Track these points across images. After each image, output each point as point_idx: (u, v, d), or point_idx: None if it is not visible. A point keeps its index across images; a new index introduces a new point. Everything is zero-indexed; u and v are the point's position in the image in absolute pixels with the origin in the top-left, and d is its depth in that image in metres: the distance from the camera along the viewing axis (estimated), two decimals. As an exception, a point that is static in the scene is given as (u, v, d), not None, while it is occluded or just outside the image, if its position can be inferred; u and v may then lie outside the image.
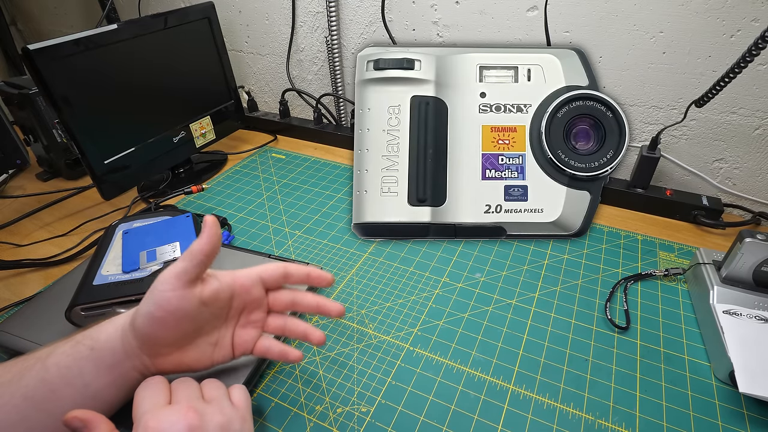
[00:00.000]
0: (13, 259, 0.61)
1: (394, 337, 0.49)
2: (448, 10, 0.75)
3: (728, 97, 0.62)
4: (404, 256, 0.60)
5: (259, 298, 0.39)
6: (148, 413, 0.30)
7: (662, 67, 0.64)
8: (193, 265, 0.34)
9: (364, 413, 0.41)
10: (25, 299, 0.55)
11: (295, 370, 0.46)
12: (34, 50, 0.56)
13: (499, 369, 0.45)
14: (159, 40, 0.71)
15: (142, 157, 0.71)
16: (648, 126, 0.70)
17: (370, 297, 0.54)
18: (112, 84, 0.66)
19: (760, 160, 0.65)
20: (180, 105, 0.78)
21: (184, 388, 0.33)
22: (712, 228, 0.64)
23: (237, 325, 0.39)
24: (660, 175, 0.71)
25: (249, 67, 1.03)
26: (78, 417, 0.29)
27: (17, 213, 0.73)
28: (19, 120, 0.79)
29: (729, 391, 0.42)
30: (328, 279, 0.40)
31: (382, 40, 0.82)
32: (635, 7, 0.62)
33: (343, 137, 0.88)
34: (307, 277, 0.40)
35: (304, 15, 0.88)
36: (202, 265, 0.34)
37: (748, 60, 0.48)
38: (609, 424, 0.40)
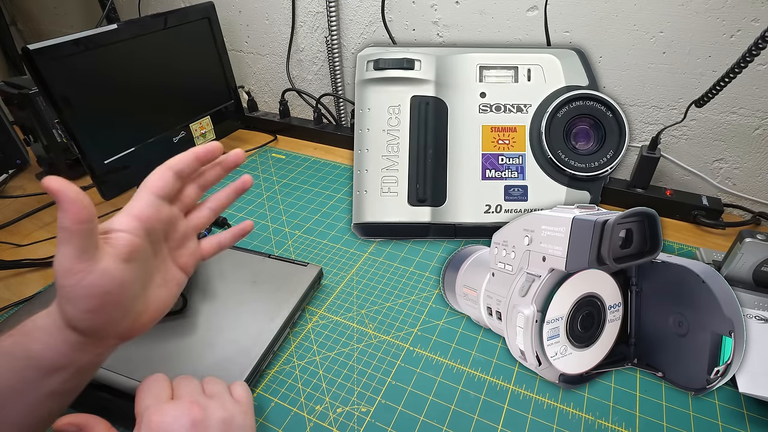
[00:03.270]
0: (13, 259, 0.61)
1: (394, 337, 0.49)
2: (448, 10, 0.75)
3: (728, 97, 0.62)
4: (404, 256, 0.60)
5: (169, 214, 0.35)
6: (151, 408, 0.30)
7: (662, 67, 0.64)
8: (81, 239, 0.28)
9: (364, 413, 0.41)
10: (25, 299, 0.55)
11: (295, 370, 0.46)
12: (34, 50, 0.56)
13: (499, 369, 0.45)
14: (159, 40, 0.71)
15: (142, 157, 0.71)
16: (648, 126, 0.70)
17: (370, 297, 0.54)
18: (112, 84, 0.66)
19: (760, 160, 0.65)
20: (180, 105, 0.78)
21: (185, 384, 0.33)
22: (712, 228, 0.64)
23: (171, 251, 0.36)
24: (660, 175, 0.71)
25: (249, 67, 1.03)
26: (71, 422, 0.29)
27: (17, 213, 0.73)
28: (19, 120, 0.79)
29: (729, 391, 0.42)
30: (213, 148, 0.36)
31: (382, 40, 0.82)
32: (635, 7, 0.62)
33: (343, 137, 0.88)
34: (195, 158, 0.36)
35: (304, 15, 0.88)
36: (89, 233, 0.29)
37: (748, 60, 0.48)
38: (609, 424, 0.40)
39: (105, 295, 0.29)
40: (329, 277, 0.57)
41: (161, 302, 0.34)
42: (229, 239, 0.39)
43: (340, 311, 0.52)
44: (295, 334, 0.50)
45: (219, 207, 0.39)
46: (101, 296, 0.29)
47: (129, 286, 0.31)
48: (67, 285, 0.28)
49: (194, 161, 0.36)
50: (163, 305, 0.34)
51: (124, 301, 0.31)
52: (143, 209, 0.33)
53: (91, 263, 0.29)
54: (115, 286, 0.29)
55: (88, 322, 0.29)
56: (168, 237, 0.36)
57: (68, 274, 0.28)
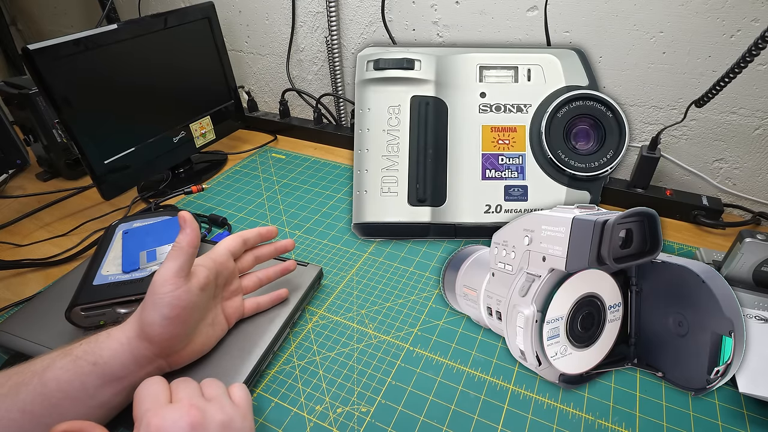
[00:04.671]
0: (13, 259, 0.61)
1: (394, 337, 0.49)
2: (448, 10, 0.75)
3: (728, 97, 0.62)
4: (404, 256, 0.60)
5: (233, 269, 0.45)
6: (150, 411, 0.30)
7: (662, 67, 0.64)
8: (185, 260, 0.37)
9: (364, 413, 0.41)
10: (25, 299, 0.55)
11: (295, 370, 0.46)
12: (34, 50, 0.56)
13: (499, 369, 0.45)
14: (159, 40, 0.71)
15: (142, 157, 0.71)
16: (648, 126, 0.70)
17: (370, 297, 0.54)
18: (112, 84, 0.66)
19: (760, 160, 0.65)
20: (180, 105, 0.78)
21: (184, 387, 0.33)
22: (712, 228, 0.64)
23: (223, 299, 0.44)
24: (660, 175, 0.71)
25: (249, 67, 1.03)
26: (66, 429, 0.29)
27: (17, 213, 0.73)
28: (19, 120, 0.79)
29: (729, 391, 0.42)
30: (272, 231, 0.48)
31: (382, 40, 0.82)
32: (635, 7, 0.62)
33: (343, 137, 0.88)
34: (258, 234, 0.47)
35: (304, 15, 0.88)
36: (192, 258, 0.38)
37: (748, 60, 0.48)
38: (609, 424, 0.40)
39: (183, 308, 0.36)
40: (329, 277, 0.57)
41: (206, 339, 0.41)
42: (267, 302, 0.48)
43: (340, 311, 0.52)
44: (295, 334, 0.50)
45: (265, 279, 0.48)
46: (180, 308, 0.36)
47: (197, 310, 0.38)
48: (161, 292, 0.35)
49: (257, 236, 0.47)
50: (207, 343, 0.41)
51: (190, 322, 0.38)
52: (219, 256, 0.43)
53: (183, 280, 0.37)
54: (191, 304, 0.37)
55: (162, 328, 0.35)
56: (225, 287, 0.44)
57: (166, 283, 0.36)
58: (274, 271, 0.49)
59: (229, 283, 0.45)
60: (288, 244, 0.49)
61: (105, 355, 0.35)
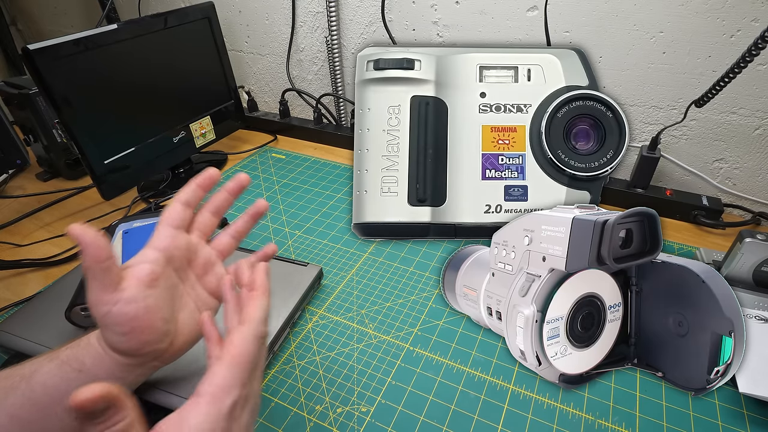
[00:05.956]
0: (13, 259, 0.61)
1: (394, 337, 0.49)
2: (448, 10, 0.75)
3: (728, 97, 0.62)
4: (404, 256, 0.60)
5: (187, 243, 0.37)
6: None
7: (662, 67, 0.64)
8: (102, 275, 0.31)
9: (364, 413, 0.41)
10: (25, 299, 0.55)
11: (295, 370, 0.46)
12: (34, 50, 0.56)
13: (499, 369, 0.45)
14: (159, 40, 0.71)
15: (142, 157, 0.71)
16: (648, 126, 0.70)
17: (370, 297, 0.54)
18: (112, 84, 0.66)
19: (760, 160, 0.65)
20: (180, 105, 0.78)
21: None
22: (712, 228, 0.64)
23: (199, 278, 0.38)
24: (660, 175, 0.71)
25: (249, 67, 1.03)
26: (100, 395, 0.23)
27: (17, 213, 0.73)
28: (19, 120, 0.79)
29: (729, 391, 0.42)
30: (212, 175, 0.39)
31: (382, 40, 0.82)
32: (635, 7, 0.62)
33: (343, 137, 0.88)
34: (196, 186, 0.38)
35: (304, 15, 0.88)
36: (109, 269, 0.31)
37: (748, 60, 0.48)
38: (609, 424, 0.40)
39: (133, 320, 0.32)
40: (329, 277, 0.57)
41: (195, 326, 0.37)
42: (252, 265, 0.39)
43: (340, 311, 0.52)
44: (295, 334, 0.50)
45: (238, 233, 0.41)
46: (130, 321, 0.32)
47: (156, 311, 0.33)
48: (99, 314, 0.32)
49: (196, 189, 0.38)
50: (197, 329, 0.37)
51: (155, 324, 0.33)
52: (160, 240, 0.36)
53: (116, 294, 0.32)
54: (141, 312, 0.32)
55: (125, 344, 0.33)
56: (192, 263, 0.38)
57: (98, 305, 0.32)
58: (243, 220, 0.41)
59: (194, 256, 0.38)
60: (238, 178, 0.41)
61: (88, 363, 0.33)
